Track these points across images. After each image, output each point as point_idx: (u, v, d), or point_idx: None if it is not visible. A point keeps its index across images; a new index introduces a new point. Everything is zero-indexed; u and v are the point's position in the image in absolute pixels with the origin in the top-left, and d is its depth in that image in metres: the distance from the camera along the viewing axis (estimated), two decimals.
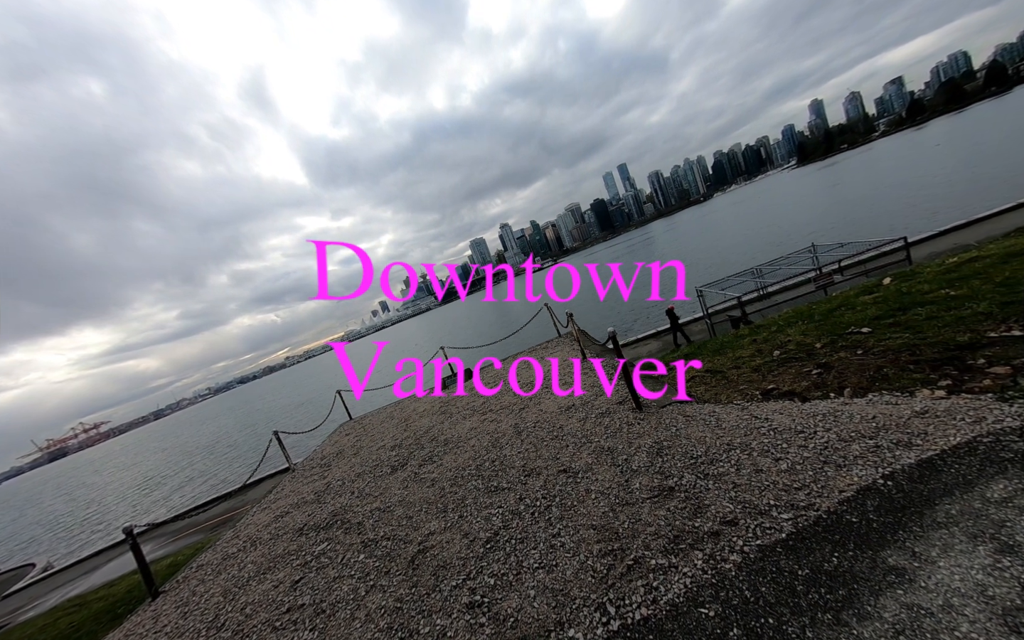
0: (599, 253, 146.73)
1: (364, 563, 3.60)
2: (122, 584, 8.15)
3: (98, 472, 62.83)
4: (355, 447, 7.44)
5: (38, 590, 13.06)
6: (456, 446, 5.44)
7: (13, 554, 23.45)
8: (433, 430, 6.50)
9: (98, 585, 10.28)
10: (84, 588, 10.76)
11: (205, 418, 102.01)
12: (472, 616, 2.60)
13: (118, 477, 46.99)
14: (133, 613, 4.69)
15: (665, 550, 2.56)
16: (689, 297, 27.06)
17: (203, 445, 45.16)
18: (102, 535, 21.21)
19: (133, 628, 4.16)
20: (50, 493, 56.33)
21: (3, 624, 10.75)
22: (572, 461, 3.93)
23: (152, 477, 36.99)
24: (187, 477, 30.76)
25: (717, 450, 3.35)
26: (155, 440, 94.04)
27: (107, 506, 31.36)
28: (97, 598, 7.86)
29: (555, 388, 6.22)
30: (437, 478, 4.68)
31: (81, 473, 74.97)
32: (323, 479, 6.31)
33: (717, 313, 12.51)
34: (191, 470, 33.17)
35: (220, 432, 52.01)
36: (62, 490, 54.10)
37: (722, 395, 4.57)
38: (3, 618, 11.44)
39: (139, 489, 33.51)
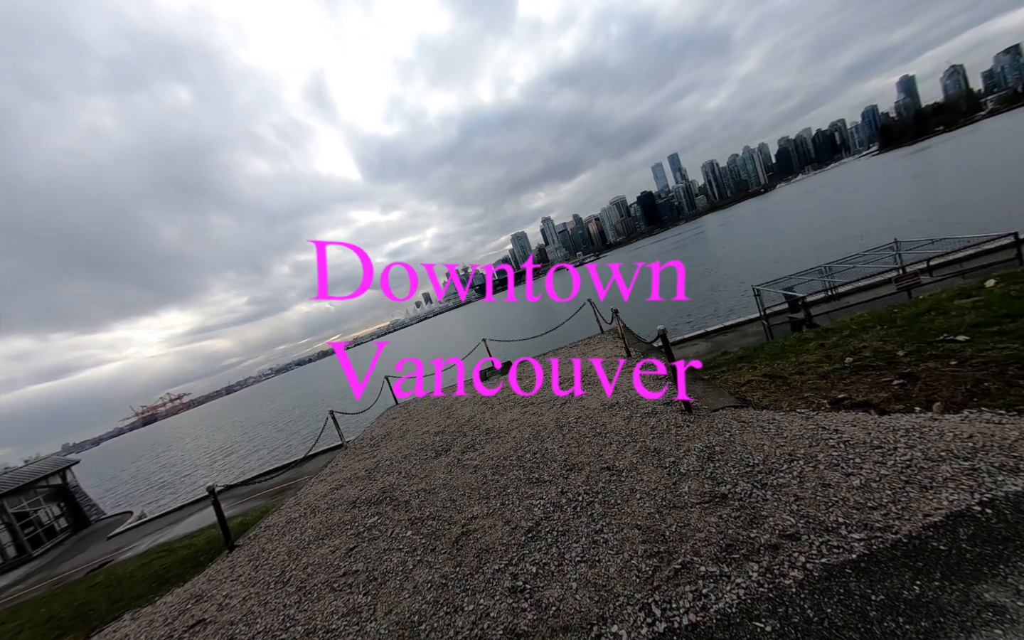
0: (644, 249, 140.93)
1: (411, 539, 3.80)
2: (202, 536, 9.24)
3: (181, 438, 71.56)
4: (401, 430, 7.83)
5: (134, 535, 15.20)
6: (497, 436, 5.55)
7: (117, 503, 27.35)
8: (475, 419, 6.68)
9: (181, 535, 11.76)
10: (170, 536, 12.35)
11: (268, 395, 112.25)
12: (514, 600, 2.67)
13: (197, 443, 53.19)
14: (213, 562, 5.33)
15: (716, 558, 2.46)
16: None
17: (267, 420, 49.78)
18: (185, 492, 24.14)
19: (214, 574, 4.73)
20: (144, 453, 65.03)
21: (108, 560, 12.66)
22: (616, 459, 3.87)
23: (225, 445, 41.40)
24: (253, 447, 34.06)
25: (777, 460, 3.13)
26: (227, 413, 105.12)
27: (188, 467, 35.66)
28: (182, 546, 8.98)
29: (604, 386, 6.13)
30: (479, 465, 4.82)
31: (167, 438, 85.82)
32: (373, 458, 6.72)
33: (776, 314, 11.59)
34: (257, 441, 36.71)
35: (281, 409, 56.94)
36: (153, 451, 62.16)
37: (783, 402, 4.26)
38: (108, 555, 13.47)
39: (214, 454, 37.67)
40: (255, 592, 3.92)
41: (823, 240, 29.51)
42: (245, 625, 3.44)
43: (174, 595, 4.66)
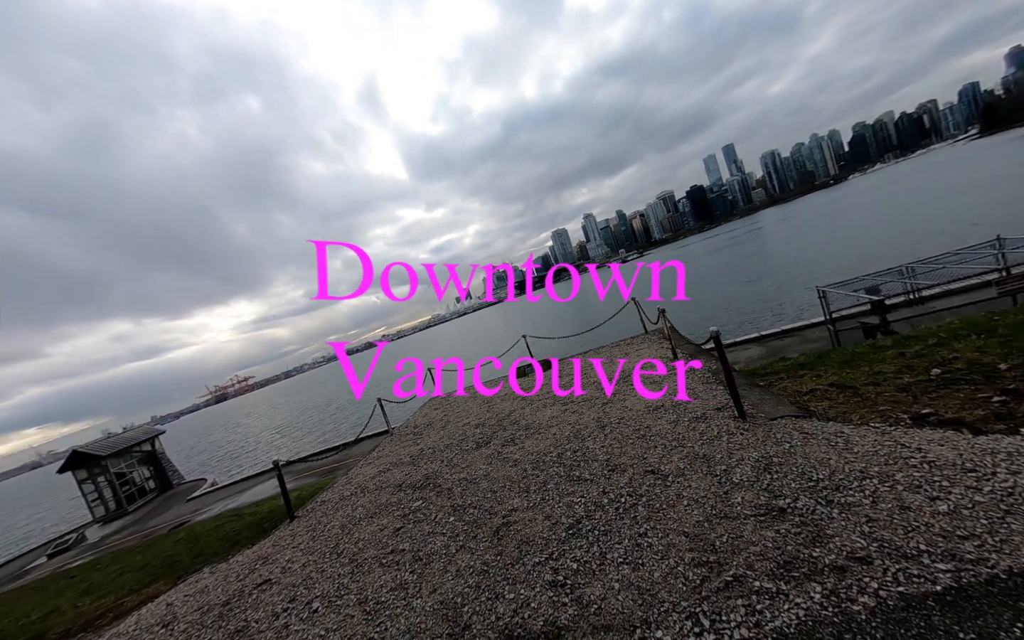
0: (692, 246, 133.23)
1: (454, 525, 3.95)
2: (265, 505, 10.17)
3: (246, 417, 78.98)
4: (443, 421, 8.11)
5: (207, 499, 17.04)
6: (537, 432, 5.58)
7: (193, 471, 30.74)
8: (514, 414, 6.76)
9: (247, 503, 13.03)
10: (238, 503, 13.72)
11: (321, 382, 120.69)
12: (555, 593, 2.69)
13: (259, 422, 58.40)
14: (276, 529, 5.86)
15: (773, 574, 2.31)
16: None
17: (319, 404, 53.60)
18: (249, 465, 26.66)
19: (277, 541, 5.21)
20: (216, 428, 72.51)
21: (187, 520, 14.34)
22: (661, 463, 3.75)
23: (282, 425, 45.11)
24: (307, 429, 36.83)
25: (846, 476, 2.88)
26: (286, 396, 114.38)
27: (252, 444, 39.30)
28: (249, 513, 9.95)
29: (638, 387, 5.95)
30: (519, 459, 4.88)
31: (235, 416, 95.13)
32: (416, 445, 7.03)
33: (844, 318, 10.55)
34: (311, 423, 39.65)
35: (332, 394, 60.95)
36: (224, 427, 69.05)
37: (853, 414, 3.89)
38: (187, 516, 15.26)
39: (273, 433, 41.16)
40: (313, 560, 4.27)
41: (904, 237, 26.34)
42: (305, 588, 3.77)
43: (244, 555, 5.20)
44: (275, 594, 3.86)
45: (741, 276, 33.75)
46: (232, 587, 4.31)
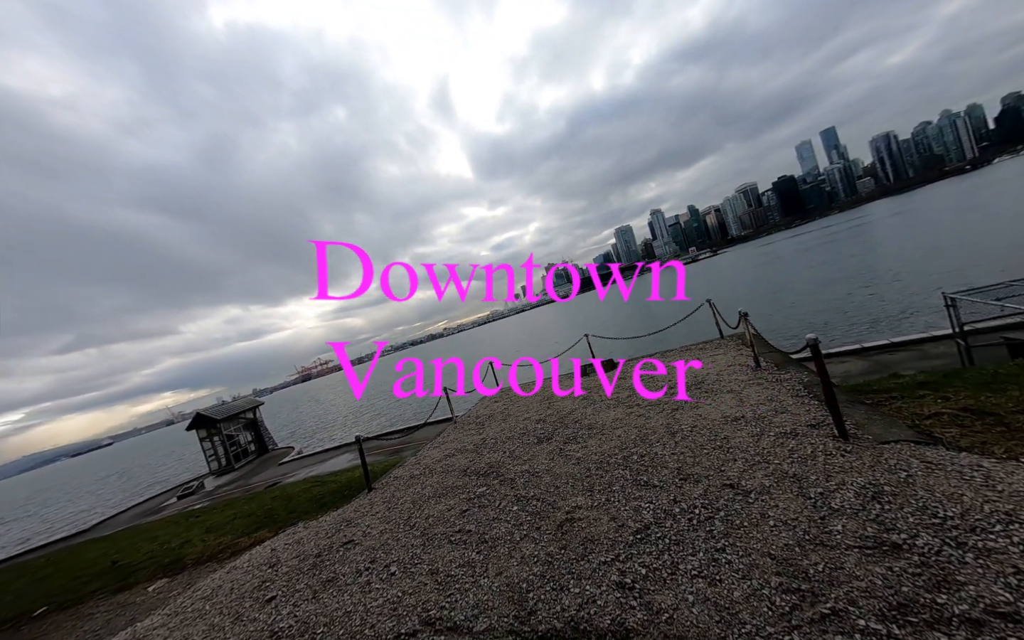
0: (778, 243, 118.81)
1: (518, 515, 4.06)
2: (344, 476, 11.32)
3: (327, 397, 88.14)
4: (504, 414, 8.33)
5: (295, 465, 19.37)
6: (600, 432, 5.49)
7: (283, 440, 35.11)
8: (576, 413, 6.71)
9: (327, 472, 14.61)
10: (320, 471, 15.43)
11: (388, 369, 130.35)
12: (622, 595, 2.65)
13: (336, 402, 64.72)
14: (355, 498, 6.51)
15: (883, 615, 2.04)
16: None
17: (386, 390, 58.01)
18: (328, 438, 29.75)
19: (357, 507, 5.79)
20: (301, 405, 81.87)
21: (278, 481, 16.50)
22: (741, 478, 3.48)
23: (356, 407, 49.44)
24: (377, 412, 40.01)
25: (985, 517, 2.42)
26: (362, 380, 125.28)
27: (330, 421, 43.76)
28: (331, 480, 11.17)
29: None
30: (582, 458, 4.85)
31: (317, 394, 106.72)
32: (479, 435, 7.32)
33: (982, 332, 8.72)
34: (380, 407, 43.05)
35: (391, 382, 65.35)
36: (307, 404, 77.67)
37: (996, 446, 3.24)
38: (278, 477, 17.55)
39: (347, 414, 45.34)
40: (389, 528, 4.69)
41: None
42: (383, 553, 4.16)
43: (330, 516, 5.87)
44: (358, 554, 4.31)
45: (837, 278, 29.48)
46: (322, 542, 4.90)
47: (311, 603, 3.67)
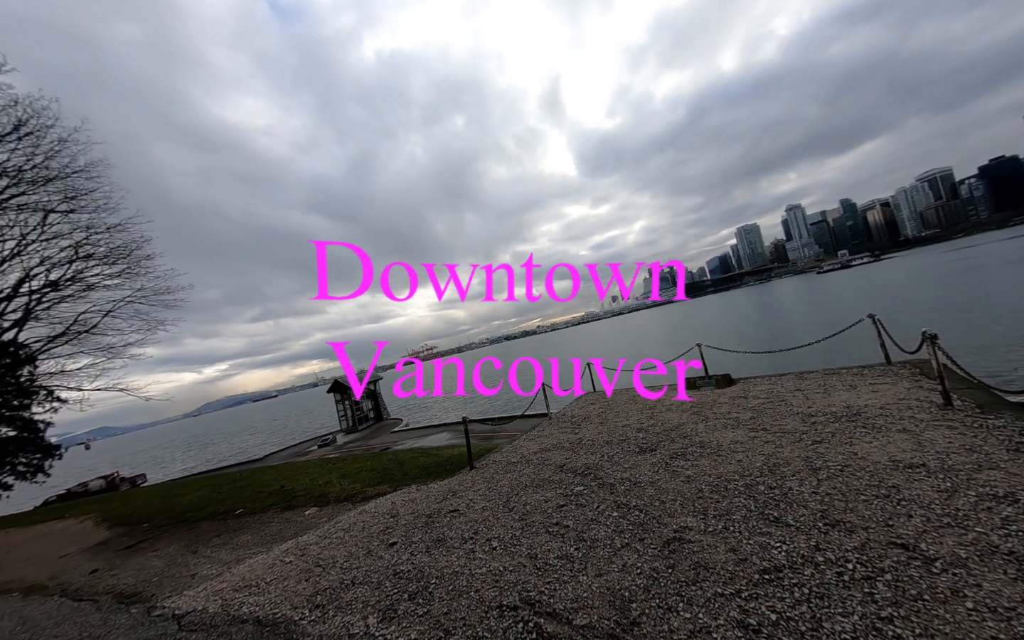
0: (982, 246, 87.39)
1: (618, 521, 3.93)
2: (446, 452, 12.43)
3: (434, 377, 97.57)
4: (600, 417, 8.11)
5: (403, 435, 21.95)
6: (715, 453, 4.94)
7: (394, 412, 40.00)
8: (684, 427, 6.16)
9: (429, 445, 16.27)
10: (422, 444, 17.25)
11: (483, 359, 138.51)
12: (745, 635, 2.36)
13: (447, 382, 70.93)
14: (458, 472, 7.11)
15: None
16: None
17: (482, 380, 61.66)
18: (428, 416, 32.91)
19: (460, 482, 6.32)
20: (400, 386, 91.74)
21: (388, 447, 18.97)
22: (920, 540, 2.76)
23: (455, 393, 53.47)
24: (470, 400, 42.79)
25: None
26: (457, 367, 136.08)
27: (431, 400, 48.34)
28: (435, 453, 12.38)
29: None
30: (693, 477, 4.44)
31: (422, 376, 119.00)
32: (575, 434, 7.27)
33: None
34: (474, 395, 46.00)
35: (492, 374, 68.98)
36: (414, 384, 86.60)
37: None
38: (390, 444, 20.15)
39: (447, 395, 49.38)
40: (489, 506, 5.01)
41: None
42: (484, 527, 4.46)
43: (437, 485, 6.53)
44: (462, 523, 4.71)
45: None
46: (432, 506, 5.49)
47: (424, 556, 4.15)
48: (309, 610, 3.62)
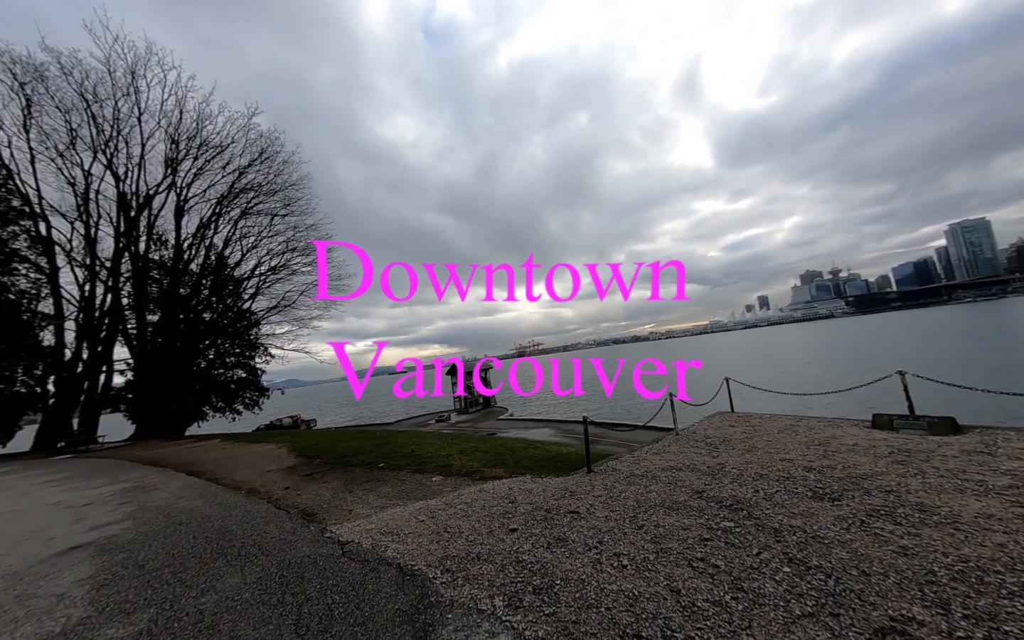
0: None
1: (793, 580, 3.10)
2: (552, 448, 12.32)
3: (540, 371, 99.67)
4: (745, 443, 6.81)
5: (507, 424, 22.67)
6: (950, 525, 3.53)
7: (501, 400, 41.81)
8: (883, 479, 4.64)
9: (534, 438, 16.40)
10: (527, 435, 17.47)
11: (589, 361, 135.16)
12: None
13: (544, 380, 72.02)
14: (574, 472, 6.85)
15: None
16: None
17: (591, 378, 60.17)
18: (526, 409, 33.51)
19: (578, 483, 6.04)
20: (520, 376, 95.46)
21: (494, 432, 19.79)
22: None
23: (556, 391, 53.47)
24: (572, 400, 42.04)
25: None
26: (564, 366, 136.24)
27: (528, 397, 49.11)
28: (542, 447, 12.38)
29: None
30: (912, 550, 3.24)
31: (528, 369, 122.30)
32: (712, 457, 6.25)
33: None
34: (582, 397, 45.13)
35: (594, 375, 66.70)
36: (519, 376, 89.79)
37: None
38: (495, 429, 21.06)
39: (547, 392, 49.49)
40: (612, 516, 4.61)
41: None
42: (610, 539, 4.10)
43: (552, 480, 6.39)
44: (584, 528, 4.43)
45: None
46: (550, 501, 5.36)
47: (546, 551, 4.01)
48: (440, 572, 3.84)
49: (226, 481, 8.90)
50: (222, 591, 3.84)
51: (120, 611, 3.65)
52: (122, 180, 28.61)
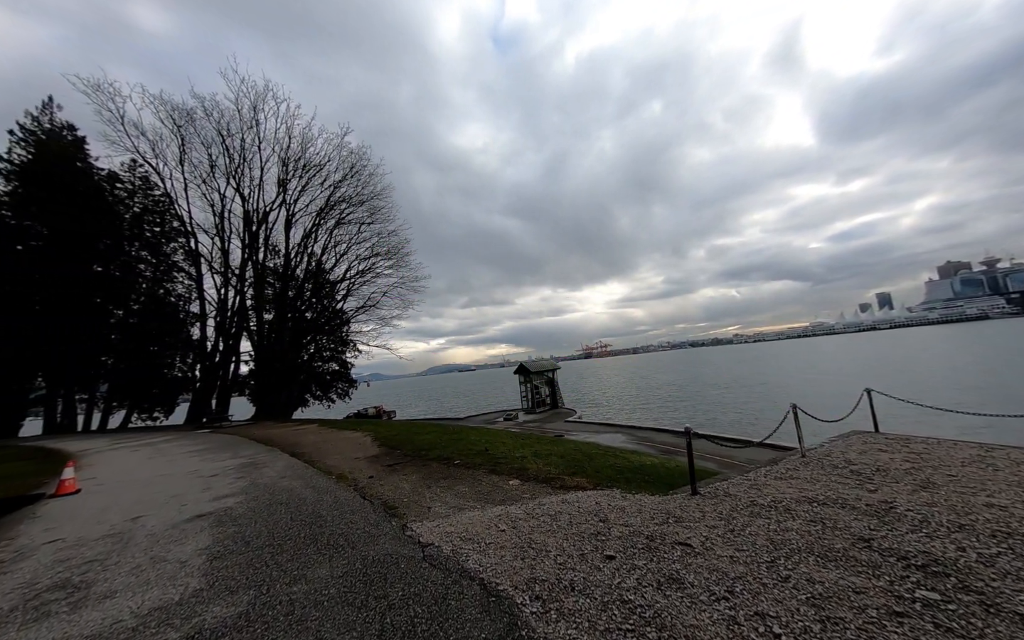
0: None
1: None
2: (635, 458, 11.19)
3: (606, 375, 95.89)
4: (914, 476, 5.18)
5: (575, 426, 21.54)
6: None
7: (569, 401, 40.65)
8: None
9: (606, 444, 15.23)
10: (598, 441, 16.31)
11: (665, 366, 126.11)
12: None
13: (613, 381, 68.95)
14: (671, 491, 5.88)
15: None
16: None
17: (663, 382, 55.91)
18: (596, 413, 31.84)
19: (682, 506, 5.10)
20: (585, 377, 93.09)
21: (562, 435, 18.86)
22: None
23: (629, 391, 50.70)
24: (648, 403, 39.24)
25: None
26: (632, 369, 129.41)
27: (600, 396, 46.98)
28: (622, 455, 11.33)
29: None
30: None
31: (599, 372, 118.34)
32: (869, 492, 4.82)
33: None
34: (657, 398, 42.07)
35: (679, 381, 61.82)
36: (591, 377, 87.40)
37: None
38: (563, 431, 20.12)
39: (625, 399, 47.05)
40: (740, 557, 3.67)
41: None
42: (744, 590, 3.19)
43: (649, 499, 5.51)
44: (702, 568, 3.57)
45: None
46: (650, 526, 4.54)
47: (656, 593, 3.26)
48: (530, 599, 3.33)
49: (320, 465, 9.55)
50: (312, 582, 3.80)
51: (226, 588, 3.79)
52: (246, 200, 33.85)
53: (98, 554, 4.85)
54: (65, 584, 4.12)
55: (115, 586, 3.97)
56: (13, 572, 4.53)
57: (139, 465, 11.52)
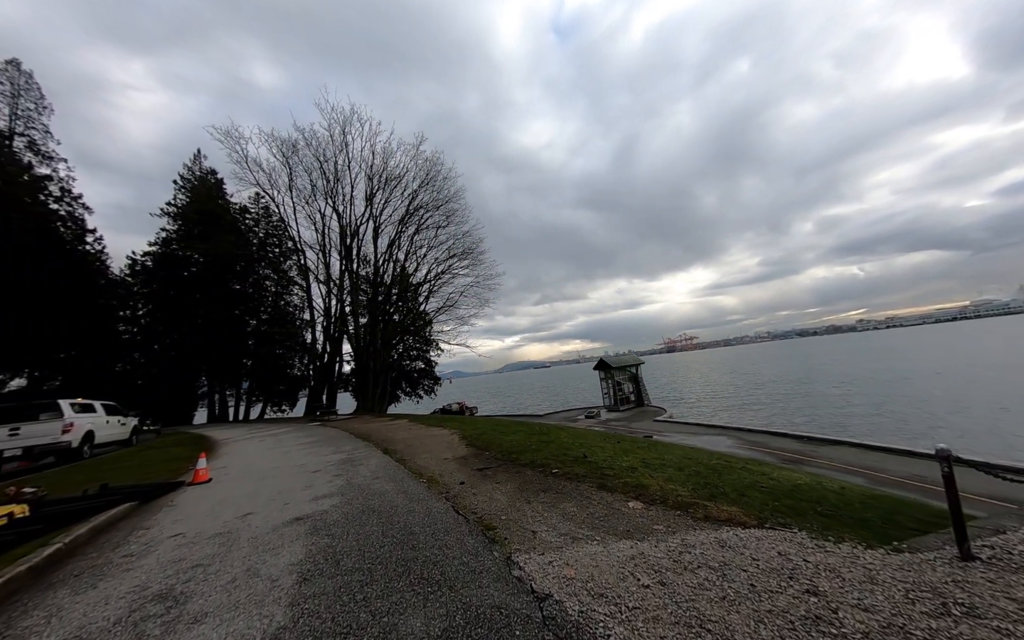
0: None
1: None
2: (776, 473, 8.83)
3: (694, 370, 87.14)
4: None
5: (665, 426, 18.79)
6: None
7: (656, 400, 36.98)
8: None
9: (709, 448, 12.66)
10: (699, 444, 13.72)
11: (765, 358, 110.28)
12: None
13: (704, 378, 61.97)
14: (912, 540, 3.92)
15: None
16: None
17: (765, 382, 48.20)
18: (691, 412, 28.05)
19: (952, 577, 3.20)
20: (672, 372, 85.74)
21: (650, 435, 16.40)
22: None
23: (720, 390, 44.70)
24: (748, 401, 33.82)
25: None
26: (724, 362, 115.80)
27: (695, 394, 41.92)
28: (764, 469, 9.04)
29: None
30: None
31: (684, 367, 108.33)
32: None
33: None
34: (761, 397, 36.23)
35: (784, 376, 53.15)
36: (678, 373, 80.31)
37: None
38: (651, 431, 17.61)
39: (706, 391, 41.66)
40: None
41: None
42: None
43: (879, 559, 3.63)
44: None
45: None
46: (913, 620, 2.78)
47: None
48: None
49: (411, 465, 9.20)
50: (403, 637, 2.94)
51: (309, 630, 3.13)
52: (341, 216, 37.35)
53: (205, 556, 4.72)
54: (167, 594, 3.90)
55: (207, 606, 3.60)
56: (135, 569, 4.57)
57: (260, 456, 12.65)
